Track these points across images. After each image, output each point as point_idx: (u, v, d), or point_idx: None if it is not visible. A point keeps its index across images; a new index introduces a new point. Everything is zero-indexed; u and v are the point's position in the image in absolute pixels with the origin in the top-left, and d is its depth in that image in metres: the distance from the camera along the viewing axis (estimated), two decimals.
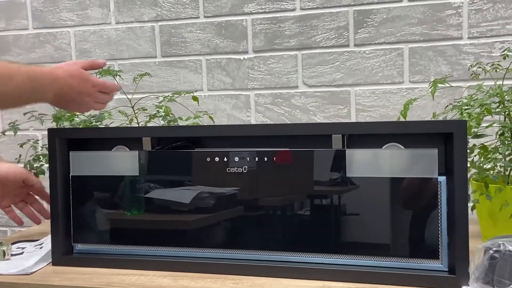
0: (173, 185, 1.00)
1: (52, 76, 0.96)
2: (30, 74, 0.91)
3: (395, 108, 1.46)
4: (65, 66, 1.01)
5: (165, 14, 1.63)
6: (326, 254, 0.91)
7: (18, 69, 0.90)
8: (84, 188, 1.04)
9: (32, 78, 0.92)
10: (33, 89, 0.93)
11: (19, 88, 0.90)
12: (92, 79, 1.03)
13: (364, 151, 0.89)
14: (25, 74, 0.90)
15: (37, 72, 0.93)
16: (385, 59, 1.48)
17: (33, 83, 0.92)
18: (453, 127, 0.83)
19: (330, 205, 0.92)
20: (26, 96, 0.94)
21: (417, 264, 0.87)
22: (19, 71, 0.89)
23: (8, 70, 0.88)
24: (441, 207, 0.86)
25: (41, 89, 0.95)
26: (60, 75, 0.97)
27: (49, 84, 0.95)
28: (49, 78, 0.95)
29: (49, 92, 0.96)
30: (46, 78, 0.95)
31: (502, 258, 0.73)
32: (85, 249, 1.05)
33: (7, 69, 0.88)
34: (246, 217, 0.95)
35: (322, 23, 1.51)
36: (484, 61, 1.37)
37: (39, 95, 0.96)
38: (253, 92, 1.58)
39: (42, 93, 0.96)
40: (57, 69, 0.99)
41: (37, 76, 0.93)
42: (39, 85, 0.94)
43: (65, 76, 0.98)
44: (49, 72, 0.96)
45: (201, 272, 0.95)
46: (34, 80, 0.92)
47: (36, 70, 0.93)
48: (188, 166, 0.99)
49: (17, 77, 0.89)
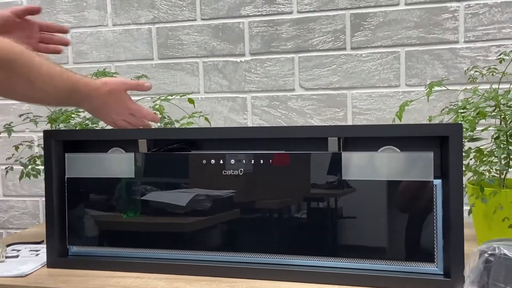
0: (169, 188, 0.99)
1: (93, 92, 1.01)
2: (73, 84, 0.96)
3: (391, 111, 1.47)
4: (111, 84, 1.05)
5: (162, 16, 1.63)
6: (322, 257, 0.91)
7: (60, 74, 0.93)
8: (80, 190, 1.03)
9: (72, 89, 0.96)
10: (69, 98, 0.98)
11: (56, 92, 0.94)
12: (129, 104, 1.09)
13: (360, 154, 0.89)
14: (66, 81, 0.94)
15: (80, 84, 0.98)
16: (381, 63, 1.48)
17: (71, 94, 0.97)
18: (449, 131, 0.83)
19: (326, 208, 0.91)
20: (60, 101, 1.01)
21: (412, 267, 0.87)
22: (61, 76, 0.93)
23: (52, 71, 0.91)
24: (437, 210, 0.86)
25: (77, 99, 1.00)
26: (101, 92, 1.03)
27: (87, 99, 1.01)
28: (88, 94, 1.00)
29: (84, 104, 1.03)
30: (85, 92, 0.99)
31: (497, 261, 0.73)
32: (80, 251, 1.05)
33: (51, 69, 0.91)
34: (242, 220, 0.95)
35: (319, 26, 1.51)
36: (480, 65, 1.38)
37: (73, 102, 1.03)
38: (249, 94, 1.58)
39: (77, 103, 1.03)
40: (102, 85, 1.03)
41: (78, 88, 0.98)
42: (76, 95, 0.98)
43: (105, 94, 1.03)
44: (91, 88, 1.01)
45: (197, 275, 0.95)
46: (74, 91, 0.97)
47: (80, 83, 0.98)
48: (184, 168, 0.99)
49: (56, 81, 0.92)
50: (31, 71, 0.87)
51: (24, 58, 0.86)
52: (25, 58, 0.86)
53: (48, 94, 0.93)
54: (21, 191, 1.79)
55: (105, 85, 1.04)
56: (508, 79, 1.07)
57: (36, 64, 0.88)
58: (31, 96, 0.95)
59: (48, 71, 0.90)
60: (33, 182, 1.73)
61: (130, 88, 1.09)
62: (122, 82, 1.08)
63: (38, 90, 0.91)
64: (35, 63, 0.88)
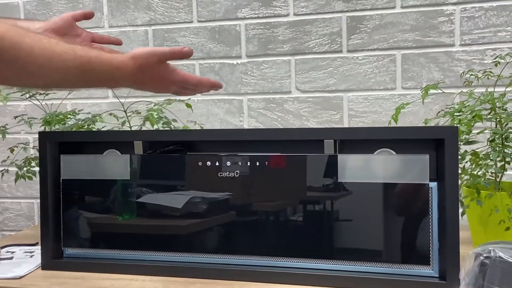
0: (165, 190, 0.99)
1: (116, 71, 0.85)
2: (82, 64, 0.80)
3: (387, 114, 1.47)
4: (140, 57, 0.87)
5: (158, 18, 1.63)
6: (317, 260, 0.91)
7: (64, 53, 0.78)
8: (75, 192, 1.03)
9: (83, 70, 0.81)
10: (84, 80, 0.84)
11: (61, 75, 0.80)
12: (172, 77, 0.92)
13: (356, 156, 0.89)
14: (74, 61, 0.79)
15: (95, 63, 0.82)
16: (377, 65, 1.48)
17: (84, 75, 0.82)
18: (445, 133, 0.83)
19: (321, 210, 0.91)
20: (74, 84, 0.89)
21: (408, 270, 0.87)
22: (65, 56, 0.78)
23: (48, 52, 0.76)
24: (432, 213, 0.86)
25: (97, 80, 0.86)
26: (128, 70, 0.86)
27: (111, 79, 0.86)
28: (109, 74, 0.85)
29: (113, 85, 0.91)
30: (104, 72, 0.84)
31: (493, 264, 0.73)
32: (75, 253, 1.04)
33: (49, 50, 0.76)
34: (238, 222, 0.95)
35: (316, 28, 1.51)
36: (476, 68, 1.38)
37: (95, 84, 0.89)
38: (246, 97, 1.58)
39: (101, 84, 0.89)
40: (129, 61, 0.86)
41: (92, 67, 0.81)
42: (92, 77, 0.84)
43: (133, 72, 0.87)
44: (112, 66, 0.84)
45: (192, 277, 0.95)
46: (86, 72, 0.81)
47: (94, 61, 0.82)
48: (180, 170, 0.99)
49: (57, 62, 0.77)
50: (18, 54, 0.73)
51: (9, 39, 0.71)
52: (11, 39, 0.71)
53: (50, 79, 0.79)
54: (16, 193, 1.78)
55: (133, 60, 0.86)
56: (503, 82, 1.07)
57: (25, 46, 0.73)
58: (29, 83, 0.85)
59: (44, 52, 0.75)
60: (28, 184, 1.72)
61: (163, 58, 0.90)
62: (152, 53, 0.88)
63: (35, 76, 0.77)
64: (25, 45, 0.73)
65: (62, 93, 1.58)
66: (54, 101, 1.36)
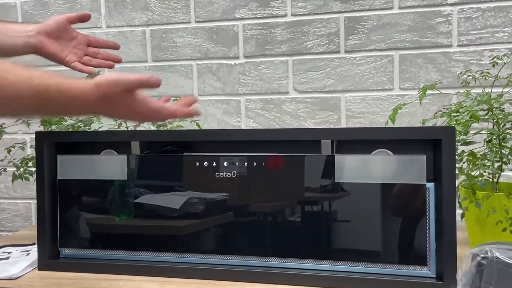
0: (162, 190, 0.99)
1: (76, 100, 0.78)
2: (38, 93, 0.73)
3: (385, 115, 1.47)
4: (104, 86, 0.79)
5: (156, 18, 1.63)
6: (314, 260, 0.91)
7: (18, 82, 0.72)
8: (72, 192, 1.03)
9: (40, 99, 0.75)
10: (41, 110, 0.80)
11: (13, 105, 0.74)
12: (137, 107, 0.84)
13: (353, 157, 0.89)
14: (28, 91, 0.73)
15: (52, 91, 0.75)
16: (375, 66, 1.48)
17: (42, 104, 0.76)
18: (442, 134, 0.83)
19: (318, 211, 0.91)
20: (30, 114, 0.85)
21: (405, 270, 0.87)
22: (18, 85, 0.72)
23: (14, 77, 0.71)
24: (430, 214, 0.86)
25: (57, 109, 0.80)
26: (91, 99, 0.78)
27: (72, 108, 0.80)
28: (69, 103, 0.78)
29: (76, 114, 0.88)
30: (63, 101, 0.77)
31: (490, 264, 0.73)
32: (72, 254, 1.04)
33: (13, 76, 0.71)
34: (235, 223, 0.95)
35: (313, 29, 1.51)
36: (473, 68, 1.38)
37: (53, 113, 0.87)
38: (243, 97, 1.58)
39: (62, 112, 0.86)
40: (92, 89, 0.78)
41: (50, 96, 0.75)
42: (52, 106, 0.78)
43: (97, 101, 0.79)
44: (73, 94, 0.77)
45: (189, 278, 0.95)
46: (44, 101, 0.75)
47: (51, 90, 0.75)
48: (177, 170, 0.98)
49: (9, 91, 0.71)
50: None
51: None
52: None
53: (2, 109, 0.74)
54: (13, 193, 1.78)
55: (97, 88, 0.78)
56: (501, 83, 1.07)
57: None
58: None
59: None
60: (26, 185, 1.72)
61: (130, 87, 0.81)
62: (117, 82, 0.79)
63: None
64: None
65: None
66: None
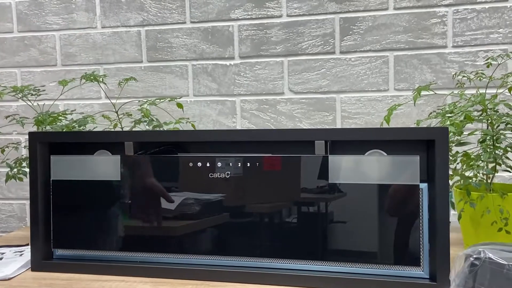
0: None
1: None
2: None
3: (380, 116, 1.47)
4: None
5: (151, 19, 1.63)
6: (307, 261, 0.91)
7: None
8: (65, 193, 1.02)
9: None
10: None
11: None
12: None
13: (347, 157, 0.89)
14: None
15: None
16: (370, 67, 1.48)
17: None
18: (435, 134, 0.83)
19: (311, 212, 0.91)
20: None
21: (398, 271, 0.87)
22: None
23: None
24: (423, 214, 0.86)
25: None
26: None
27: None
28: None
29: None
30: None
31: (482, 265, 0.73)
32: (65, 254, 1.03)
33: None
34: (230, 223, 0.94)
35: (308, 30, 1.51)
36: (468, 69, 1.38)
37: None
38: (239, 98, 1.58)
39: None
40: None
41: None
42: None
43: None
44: None
45: (183, 279, 0.94)
46: None
47: None
48: (170, 171, 0.98)
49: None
50: None
51: None
52: None
53: None
54: (8, 194, 1.77)
55: None
56: (495, 84, 1.07)
57: None
58: None
59: None
60: (20, 185, 1.71)
61: None
62: None
63: None
64: None
65: (54, 94, 1.57)
66: (46, 101, 1.35)
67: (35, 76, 1.73)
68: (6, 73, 1.75)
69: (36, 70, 1.73)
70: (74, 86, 1.38)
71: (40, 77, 1.72)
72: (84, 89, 1.67)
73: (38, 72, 1.73)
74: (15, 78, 1.74)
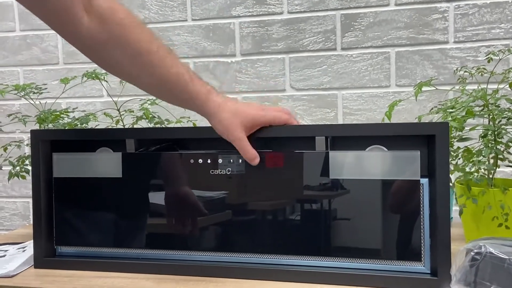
0: (158, 188, 0.99)
1: (208, 117, 0.93)
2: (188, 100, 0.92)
3: (381, 112, 1.47)
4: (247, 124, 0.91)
5: (152, 16, 1.63)
6: (308, 257, 0.91)
7: (184, 87, 0.90)
8: (67, 190, 1.03)
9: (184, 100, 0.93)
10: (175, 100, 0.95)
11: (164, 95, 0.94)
12: None
13: (347, 153, 0.89)
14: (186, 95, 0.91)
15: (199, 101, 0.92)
16: (372, 63, 1.48)
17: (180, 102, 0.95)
18: (435, 129, 0.83)
19: (313, 208, 0.91)
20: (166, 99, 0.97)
21: (399, 266, 0.87)
22: (184, 89, 0.90)
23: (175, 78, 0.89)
24: (424, 209, 0.86)
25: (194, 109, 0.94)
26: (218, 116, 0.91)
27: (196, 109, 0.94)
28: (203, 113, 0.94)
29: None
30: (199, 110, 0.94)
31: (483, 260, 0.73)
32: (68, 251, 1.04)
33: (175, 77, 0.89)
34: (231, 220, 0.95)
35: (310, 26, 1.51)
36: (470, 65, 1.38)
37: None
38: (240, 95, 1.58)
39: None
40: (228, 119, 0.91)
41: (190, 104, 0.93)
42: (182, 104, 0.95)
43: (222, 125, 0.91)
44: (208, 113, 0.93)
45: (185, 275, 0.95)
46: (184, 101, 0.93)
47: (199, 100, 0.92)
48: (172, 168, 0.98)
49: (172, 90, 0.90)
50: (159, 71, 0.88)
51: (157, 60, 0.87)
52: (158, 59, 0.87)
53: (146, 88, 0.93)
54: (11, 192, 1.78)
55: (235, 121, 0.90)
56: (496, 79, 1.07)
57: (151, 59, 0.87)
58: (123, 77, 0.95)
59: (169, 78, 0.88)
60: (24, 183, 1.72)
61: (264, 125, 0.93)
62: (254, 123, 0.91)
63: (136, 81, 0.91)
64: (152, 56, 0.87)
65: (57, 92, 1.58)
66: (48, 100, 1.35)
67: (37, 75, 1.73)
68: (9, 71, 1.75)
69: (38, 69, 1.73)
70: (76, 84, 1.38)
71: (42, 75, 1.73)
72: (86, 87, 1.67)
73: (40, 70, 1.73)
74: (17, 76, 1.75)
